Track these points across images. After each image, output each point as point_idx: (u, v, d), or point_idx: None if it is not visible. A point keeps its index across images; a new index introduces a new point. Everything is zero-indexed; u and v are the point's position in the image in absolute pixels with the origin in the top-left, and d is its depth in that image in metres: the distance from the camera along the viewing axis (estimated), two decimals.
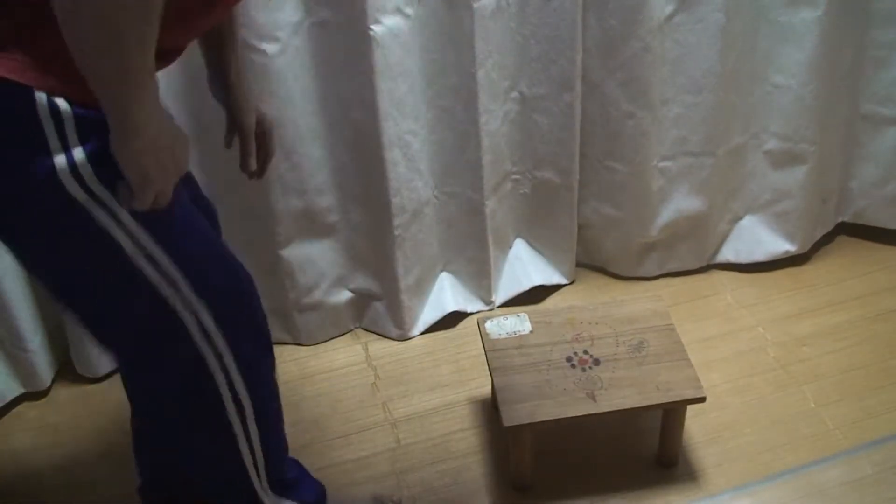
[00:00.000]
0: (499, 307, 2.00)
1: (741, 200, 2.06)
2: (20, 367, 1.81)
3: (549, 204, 1.97)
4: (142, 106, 0.93)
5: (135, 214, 1.03)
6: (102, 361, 1.86)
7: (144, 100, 0.93)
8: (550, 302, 2.03)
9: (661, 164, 1.92)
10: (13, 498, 1.65)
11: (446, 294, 1.98)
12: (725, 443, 1.67)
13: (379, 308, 1.94)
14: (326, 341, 1.95)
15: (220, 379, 1.18)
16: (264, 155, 1.35)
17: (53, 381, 1.87)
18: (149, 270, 1.07)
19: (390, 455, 1.69)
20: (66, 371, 1.89)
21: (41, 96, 0.93)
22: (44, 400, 1.84)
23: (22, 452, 1.74)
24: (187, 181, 1.20)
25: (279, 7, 1.54)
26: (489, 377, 1.59)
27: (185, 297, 1.11)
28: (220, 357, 1.17)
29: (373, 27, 1.55)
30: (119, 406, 1.82)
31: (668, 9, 1.74)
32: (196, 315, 1.12)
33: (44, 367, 1.83)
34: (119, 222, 1.03)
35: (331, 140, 1.72)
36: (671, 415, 1.56)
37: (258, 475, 1.31)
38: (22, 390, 1.83)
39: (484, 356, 1.60)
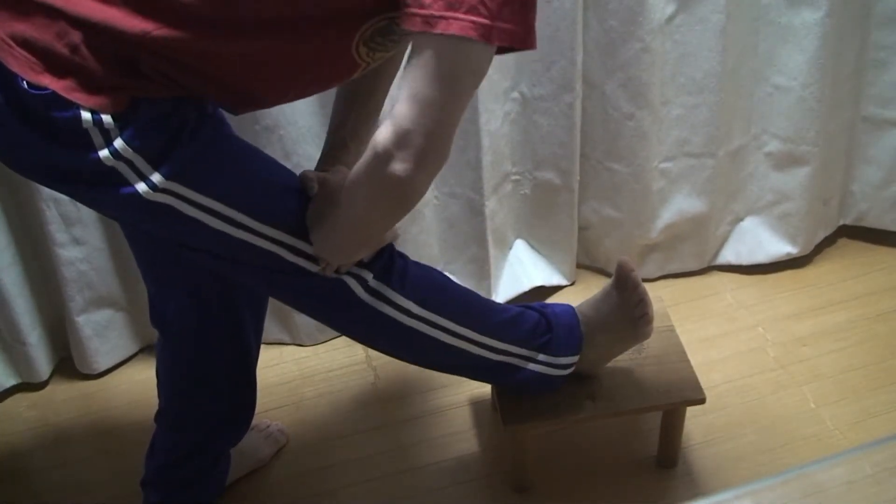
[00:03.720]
0: None
1: (742, 202, 2.06)
2: (18, 359, 1.82)
3: (550, 205, 1.97)
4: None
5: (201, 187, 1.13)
6: (101, 358, 1.86)
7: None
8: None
9: (662, 165, 1.92)
10: (12, 497, 1.65)
11: None
12: (725, 443, 1.67)
13: None
14: (326, 341, 1.95)
15: (374, 301, 1.28)
16: None
17: (52, 378, 1.87)
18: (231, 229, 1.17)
19: (390, 455, 1.69)
20: (66, 368, 1.89)
21: (86, 113, 1.04)
22: (42, 398, 1.85)
23: (20, 450, 1.74)
24: None
25: None
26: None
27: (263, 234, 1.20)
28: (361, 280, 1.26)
29: None
30: (118, 403, 1.83)
31: (669, 9, 1.74)
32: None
33: (42, 361, 1.84)
34: (187, 200, 1.13)
35: None
36: (671, 416, 1.56)
37: (484, 346, 1.38)
38: (18, 380, 1.84)
39: None
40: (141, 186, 1.09)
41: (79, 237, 1.72)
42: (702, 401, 1.51)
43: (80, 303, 1.79)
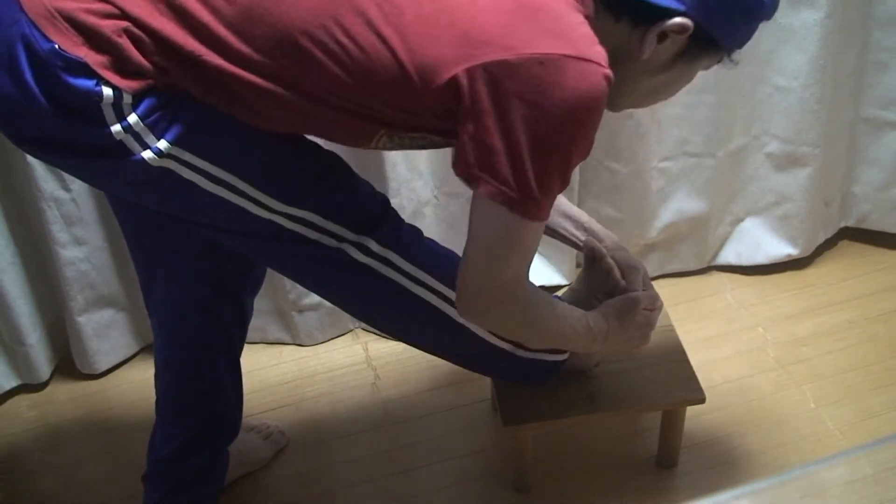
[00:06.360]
0: None
1: (742, 202, 2.05)
2: (18, 360, 1.81)
3: None
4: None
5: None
6: (102, 358, 1.86)
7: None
8: None
9: (661, 165, 1.92)
10: (12, 497, 1.65)
11: None
12: (725, 443, 1.67)
13: None
14: (326, 341, 1.95)
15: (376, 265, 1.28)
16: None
17: (52, 378, 1.87)
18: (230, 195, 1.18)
19: (390, 455, 1.69)
20: (66, 368, 1.89)
21: (108, 90, 1.06)
22: (43, 398, 1.84)
23: (21, 450, 1.74)
24: None
25: None
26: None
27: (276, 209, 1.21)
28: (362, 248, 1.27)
29: None
30: (119, 403, 1.83)
31: None
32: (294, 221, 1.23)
33: (42, 362, 1.83)
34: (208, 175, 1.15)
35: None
36: (671, 416, 1.56)
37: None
38: (19, 381, 1.83)
39: None
40: (147, 154, 1.10)
41: (80, 237, 1.72)
42: (702, 401, 1.51)
43: (81, 303, 1.79)
